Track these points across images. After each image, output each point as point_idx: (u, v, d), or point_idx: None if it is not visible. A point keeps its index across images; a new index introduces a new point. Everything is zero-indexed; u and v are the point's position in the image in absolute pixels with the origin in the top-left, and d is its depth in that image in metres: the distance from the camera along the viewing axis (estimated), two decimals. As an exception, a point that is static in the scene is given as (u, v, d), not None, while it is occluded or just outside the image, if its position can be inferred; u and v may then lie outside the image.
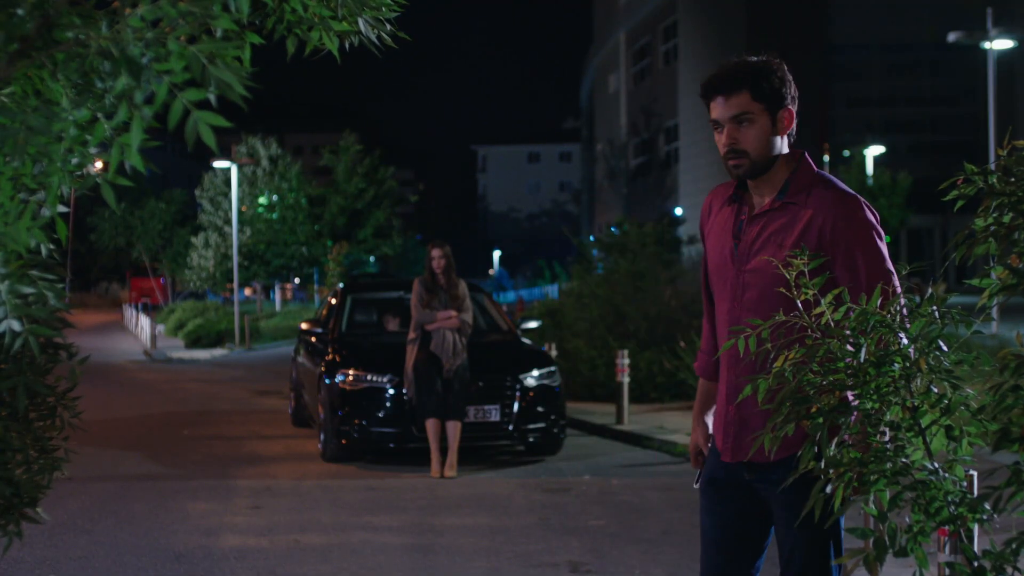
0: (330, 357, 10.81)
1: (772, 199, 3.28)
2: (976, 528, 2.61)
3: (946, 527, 2.53)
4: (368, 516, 8.11)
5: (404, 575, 6.50)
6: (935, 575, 4.41)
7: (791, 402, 2.68)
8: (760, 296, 3.25)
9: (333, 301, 12.54)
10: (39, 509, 2.96)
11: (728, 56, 3.56)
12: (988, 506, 2.49)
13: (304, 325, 12.62)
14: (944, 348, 2.66)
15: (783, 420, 2.69)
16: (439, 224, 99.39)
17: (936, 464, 2.58)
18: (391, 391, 10.21)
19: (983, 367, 2.61)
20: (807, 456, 2.66)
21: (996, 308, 2.64)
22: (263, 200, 45.44)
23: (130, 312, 42.79)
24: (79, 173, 2.29)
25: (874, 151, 40.41)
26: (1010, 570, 2.47)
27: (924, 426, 2.63)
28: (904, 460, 2.58)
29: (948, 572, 3.03)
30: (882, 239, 3.20)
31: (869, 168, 37.90)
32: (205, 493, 9.07)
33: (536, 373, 10.54)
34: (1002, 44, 23.82)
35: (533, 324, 12.46)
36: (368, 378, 10.32)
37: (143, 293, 56.44)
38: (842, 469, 2.60)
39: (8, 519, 2.91)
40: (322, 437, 10.66)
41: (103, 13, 2.18)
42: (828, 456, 2.64)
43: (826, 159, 46.14)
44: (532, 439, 10.43)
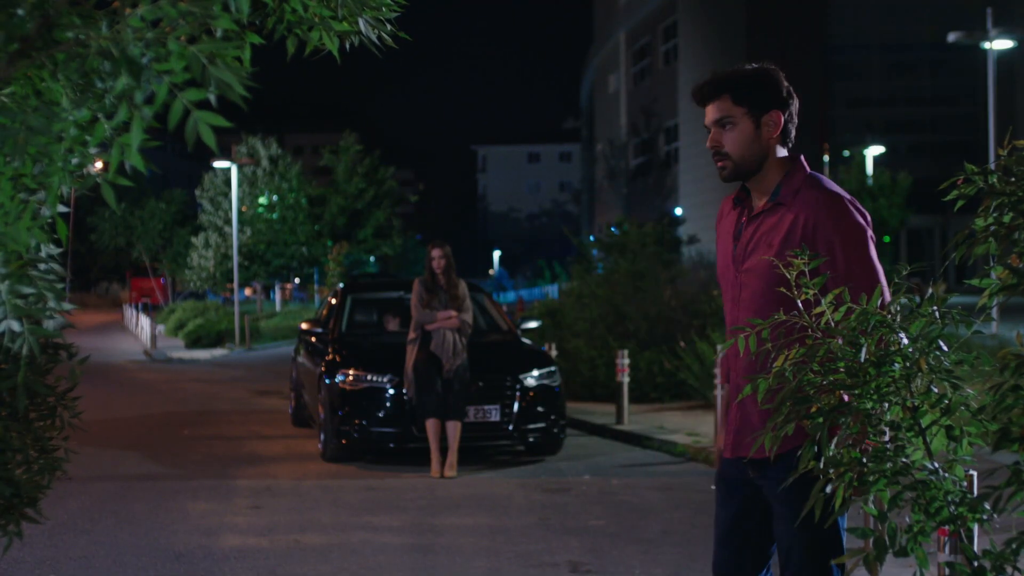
0: (330, 357, 10.81)
1: (766, 201, 3.37)
2: (976, 528, 2.61)
3: (946, 527, 2.53)
4: (368, 516, 8.11)
5: (404, 575, 6.50)
6: (935, 575, 4.41)
7: (791, 402, 2.69)
8: (755, 296, 3.32)
9: (333, 301, 12.54)
10: (39, 507, 2.96)
11: (728, 56, 3.64)
12: (988, 506, 2.49)
13: (304, 325, 12.63)
14: (944, 348, 2.66)
15: (783, 420, 2.69)
16: (439, 224, 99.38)
17: (936, 464, 2.58)
18: (391, 391, 10.21)
19: (983, 367, 2.61)
20: (807, 456, 2.66)
21: (996, 308, 2.64)
22: (263, 200, 45.45)
23: (130, 312, 42.80)
24: (79, 173, 2.29)
25: (874, 151, 40.40)
26: (1010, 570, 2.47)
27: (924, 426, 2.63)
28: (904, 460, 2.58)
29: (948, 572, 3.03)
30: (869, 239, 3.23)
31: (869, 168, 37.88)
32: (205, 493, 9.07)
33: (536, 373, 10.54)
34: (1002, 44, 23.82)
35: (533, 324, 12.45)
36: (368, 378, 10.32)
37: (143, 293, 56.48)
38: (842, 469, 2.60)
39: (8, 519, 2.91)
40: (322, 437, 10.66)
41: (103, 13, 2.18)
42: (828, 456, 2.64)
43: (826, 159, 46.13)
44: (532, 439, 10.43)
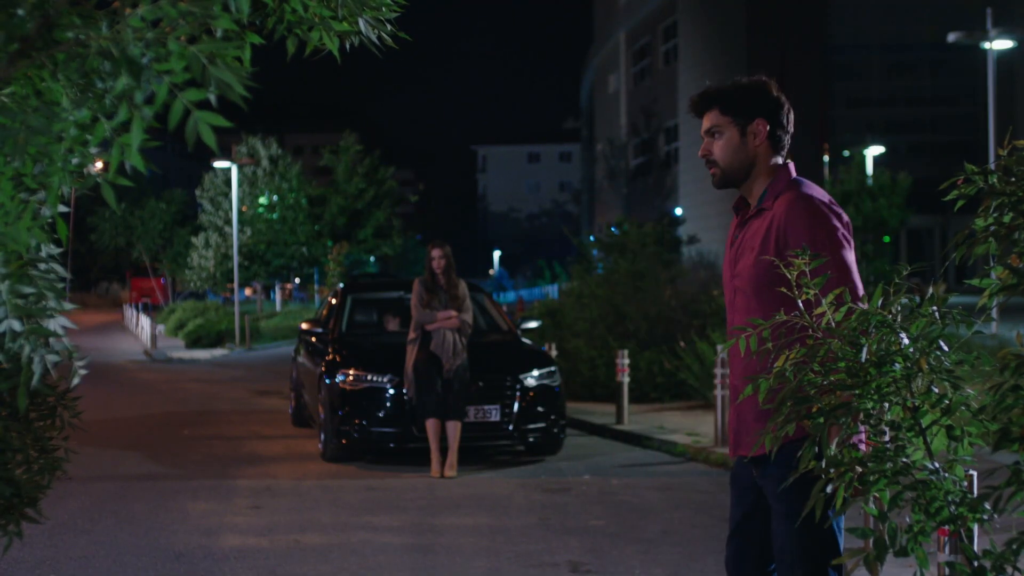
0: (330, 357, 10.81)
1: (754, 207, 3.46)
2: (976, 528, 2.61)
3: (946, 527, 2.53)
4: (368, 516, 8.11)
5: (404, 575, 6.50)
6: (935, 575, 4.41)
7: (792, 402, 2.69)
8: (746, 299, 3.40)
9: (333, 301, 12.54)
10: (39, 507, 2.96)
11: (728, 56, 3.72)
12: (988, 506, 2.49)
13: (304, 325, 12.63)
14: (945, 348, 2.66)
15: (783, 420, 2.69)
16: (439, 224, 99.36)
17: (936, 464, 2.58)
18: (391, 391, 10.21)
19: (983, 367, 2.61)
20: (807, 456, 2.66)
21: (996, 308, 2.64)
22: (263, 200, 45.44)
23: (130, 312, 42.80)
24: (79, 173, 2.29)
25: (874, 151, 40.38)
26: (1010, 570, 2.47)
27: (925, 426, 2.63)
28: (904, 460, 2.58)
29: (948, 572, 3.03)
30: (841, 239, 3.25)
31: (869, 168, 37.85)
32: (205, 493, 9.07)
33: (536, 373, 10.54)
34: (1002, 44, 23.80)
35: (533, 324, 12.45)
36: (368, 378, 10.32)
37: (143, 293, 56.45)
38: (842, 469, 2.60)
39: (8, 519, 2.91)
40: (322, 437, 10.66)
41: (103, 13, 2.18)
42: (829, 456, 2.64)
43: (826, 159, 46.13)
44: (532, 439, 10.43)
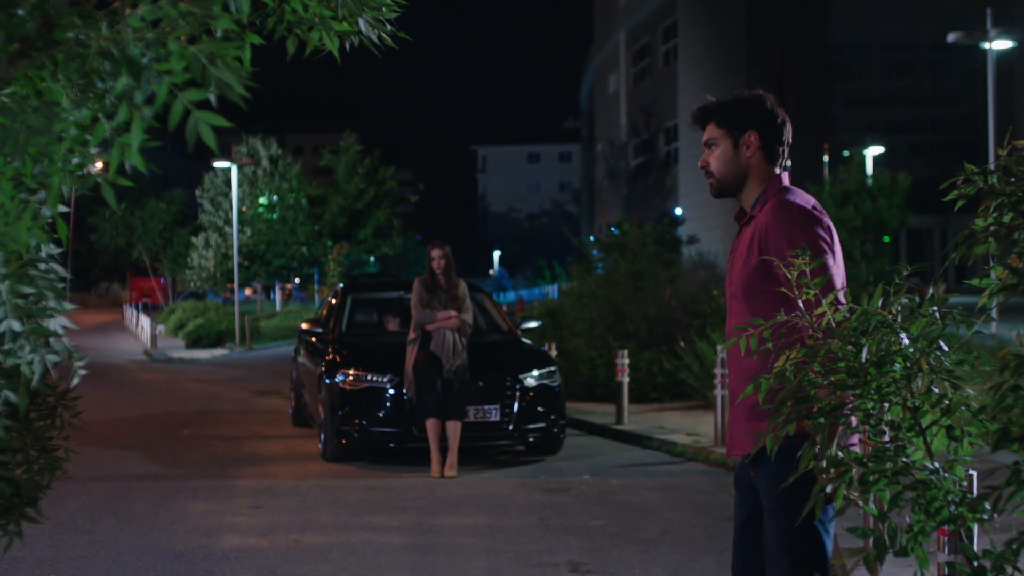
0: (330, 357, 10.81)
1: (748, 216, 3.55)
2: (976, 528, 2.61)
3: (946, 527, 2.53)
4: (368, 516, 8.11)
5: (404, 575, 6.50)
6: (935, 575, 4.41)
7: (792, 401, 2.69)
8: (738, 304, 3.47)
9: (333, 301, 12.54)
10: (39, 507, 2.96)
11: (728, 56, 3.78)
12: (988, 506, 2.49)
13: (304, 325, 12.62)
14: (945, 348, 2.66)
15: (784, 420, 2.69)
16: (439, 224, 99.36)
17: (936, 464, 2.58)
18: (391, 391, 10.21)
19: (983, 367, 2.62)
20: (807, 456, 2.66)
21: (996, 308, 2.64)
22: (263, 200, 45.43)
23: (130, 312, 42.79)
24: (79, 173, 2.28)
25: (874, 151, 40.38)
26: (1010, 570, 2.47)
27: (925, 426, 2.63)
28: (905, 460, 2.58)
29: (948, 572, 3.03)
30: (818, 247, 3.26)
31: (869, 168, 37.84)
32: (205, 493, 9.07)
33: (536, 373, 10.54)
34: (1002, 44, 23.79)
35: (533, 324, 12.45)
36: (368, 378, 10.32)
37: (143, 293, 56.44)
38: (843, 469, 2.60)
39: (8, 519, 2.91)
40: (322, 437, 10.66)
41: (103, 13, 2.18)
42: (829, 456, 2.64)
43: (826, 159, 46.11)
44: (532, 439, 10.43)
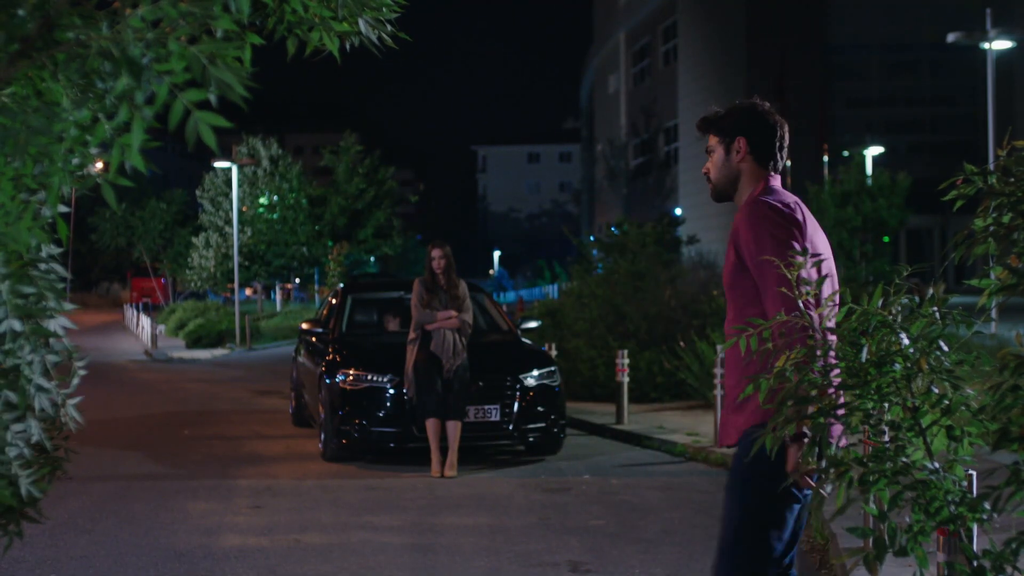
0: (330, 357, 10.81)
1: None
2: (976, 528, 2.61)
3: (946, 527, 2.53)
4: (368, 516, 8.11)
5: (404, 575, 6.50)
6: (935, 575, 4.41)
7: (792, 401, 2.69)
8: (727, 300, 3.58)
9: (333, 301, 12.54)
10: (39, 507, 2.96)
11: (728, 57, 3.83)
12: (987, 506, 2.49)
13: (304, 325, 12.62)
14: (945, 348, 2.66)
15: (783, 420, 2.69)
16: (439, 224, 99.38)
17: (936, 464, 2.58)
18: (391, 391, 10.21)
19: (983, 367, 2.62)
20: (807, 455, 2.67)
21: (995, 308, 2.64)
22: (264, 200, 45.43)
23: (131, 312, 42.79)
24: (80, 173, 2.29)
25: (874, 151, 40.39)
26: (1009, 570, 2.47)
27: (925, 426, 2.63)
28: (904, 460, 2.58)
29: (948, 572, 3.03)
30: (775, 244, 3.33)
31: (869, 168, 37.83)
32: (205, 493, 9.07)
33: (536, 373, 10.54)
34: (1001, 45, 23.79)
35: (533, 324, 12.44)
36: (368, 378, 10.32)
37: (144, 293, 56.45)
38: (843, 469, 2.60)
39: (8, 519, 2.91)
40: (322, 437, 10.66)
41: (104, 14, 2.18)
42: (829, 456, 2.64)
43: (826, 159, 46.09)
44: (532, 439, 10.43)
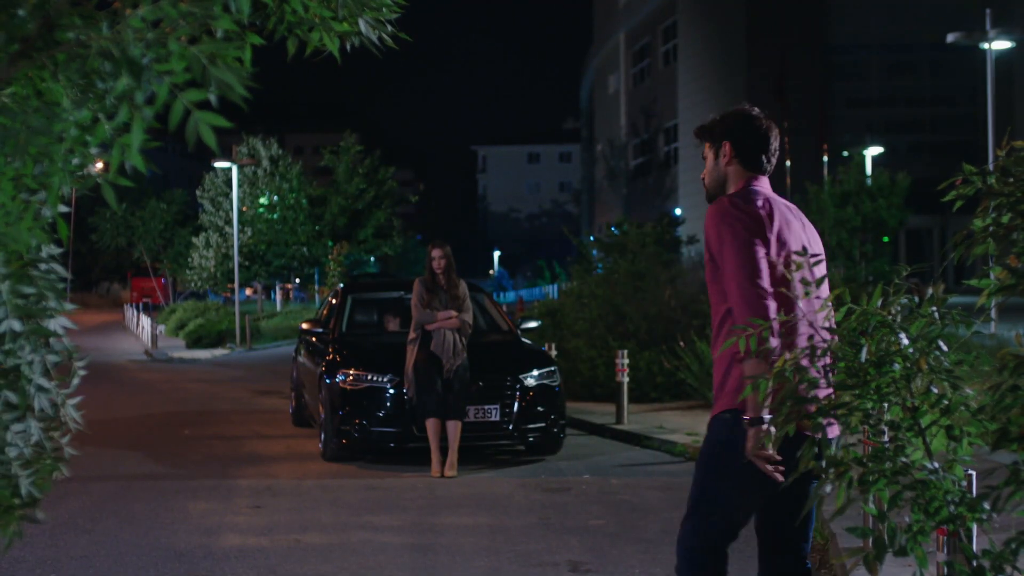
0: (330, 357, 10.81)
1: None
2: (975, 528, 2.61)
3: (945, 526, 2.53)
4: (368, 516, 8.11)
5: (404, 574, 6.50)
6: (934, 574, 4.41)
7: (792, 401, 2.70)
8: (710, 297, 3.69)
9: (333, 301, 12.54)
10: (39, 506, 2.96)
11: (728, 57, 3.86)
12: (987, 506, 2.49)
13: (305, 325, 12.61)
14: (944, 348, 2.66)
15: (783, 420, 2.70)
16: (439, 224, 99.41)
17: (936, 464, 2.58)
18: (391, 391, 10.21)
19: (982, 367, 2.62)
20: (807, 455, 2.67)
21: (995, 308, 2.64)
22: (264, 200, 45.43)
23: (131, 312, 42.80)
24: (80, 173, 2.29)
25: (873, 151, 40.42)
26: (1009, 570, 2.47)
27: (924, 426, 2.63)
28: (904, 460, 2.58)
29: (947, 571, 3.03)
30: (738, 242, 3.44)
31: (868, 168, 37.85)
32: (206, 493, 9.07)
33: (536, 373, 10.54)
34: (1001, 45, 23.78)
35: (533, 324, 12.44)
36: (368, 378, 10.32)
37: (144, 293, 56.50)
38: (842, 468, 2.61)
39: (8, 519, 2.91)
40: (322, 437, 10.66)
41: (104, 14, 2.18)
42: (828, 456, 2.64)
43: (825, 159, 46.08)
44: (532, 439, 10.43)
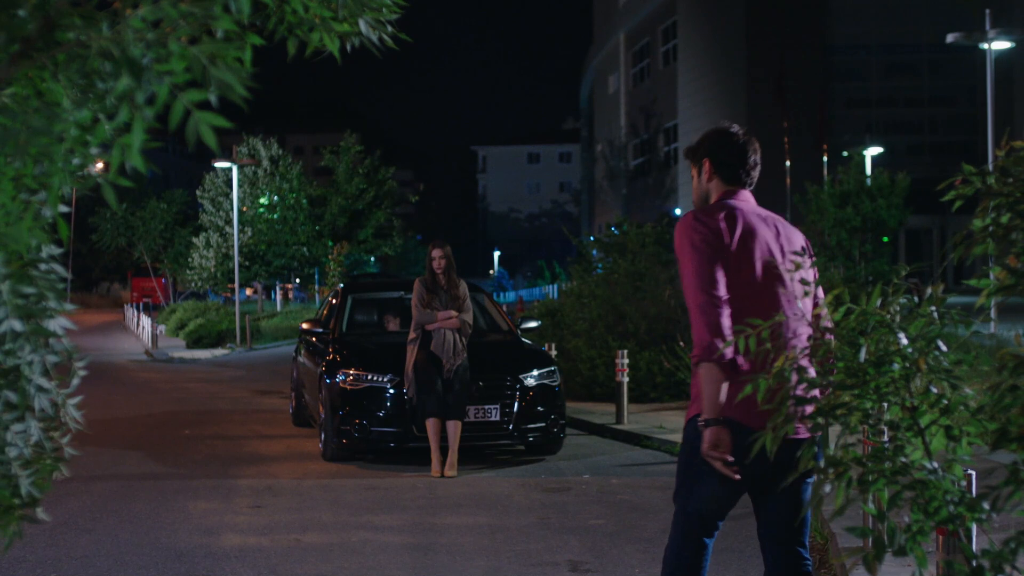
0: (331, 357, 10.82)
1: None
2: (975, 527, 2.62)
3: (945, 526, 2.53)
4: (368, 515, 8.12)
5: (404, 574, 6.50)
6: (934, 574, 4.42)
7: (791, 401, 2.70)
8: None
9: (334, 301, 12.54)
10: (39, 510, 2.97)
11: (728, 57, 3.90)
12: (986, 505, 2.49)
13: (305, 325, 12.60)
14: (943, 348, 2.67)
15: (783, 420, 2.70)
16: (439, 224, 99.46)
17: (935, 464, 2.58)
18: (391, 391, 10.21)
19: (982, 367, 2.63)
20: (807, 455, 2.67)
21: (994, 308, 2.65)
22: (264, 200, 45.44)
23: (131, 312, 42.83)
24: (80, 174, 2.29)
25: (873, 151, 40.42)
26: (1008, 569, 2.47)
27: (923, 426, 2.63)
28: (903, 460, 2.58)
29: (947, 571, 3.04)
30: (695, 253, 3.67)
31: (868, 168, 37.84)
32: (206, 492, 9.08)
33: (536, 373, 10.54)
34: (1000, 45, 23.78)
35: (533, 324, 12.44)
36: (368, 378, 10.32)
37: (144, 293, 56.54)
38: (842, 468, 2.61)
39: (8, 519, 2.91)
40: (323, 437, 10.67)
41: (104, 14, 2.18)
42: (828, 456, 2.65)
43: (825, 159, 46.07)
44: (532, 439, 10.44)
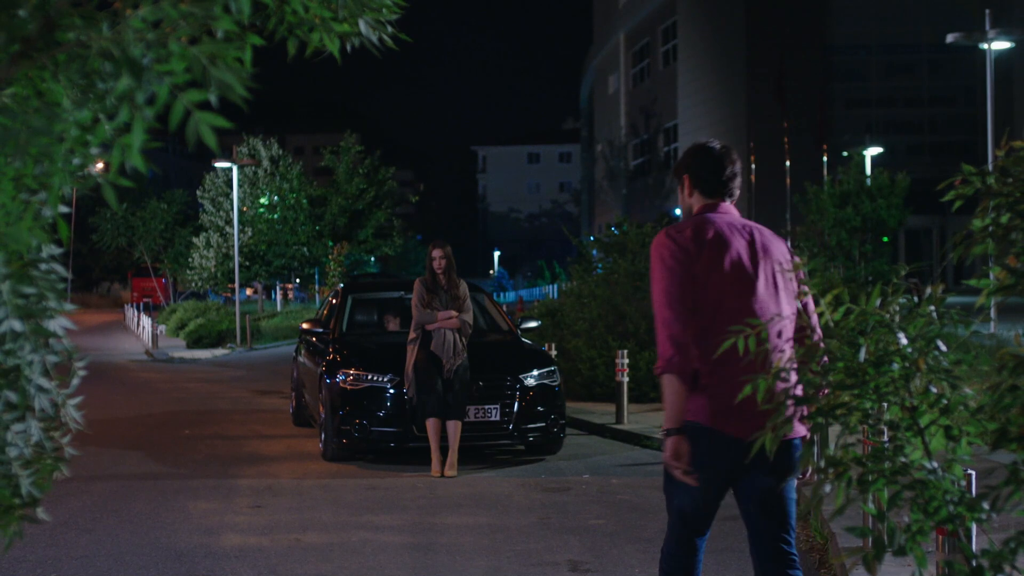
0: (331, 357, 10.82)
1: None
2: (974, 527, 2.62)
3: (945, 526, 2.54)
4: (369, 515, 8.12)
5: (404, 574, 6.50)
6: (933, 574, 4.42)
7: (791, 401, 2.70)
8: None
9: (334, 301, 12.55)
10: (39, 509, 2.97)
11: (728, 57, 3.90)
12: (986, 505, 2.49)
13: (305, 325, 12.60)
14: (943, 348, 2.67)
15: (783, 420, 2.70)
16: (439, 224, 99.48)
17: (935, 464, 2.59)
18: (391, 391, 10.21)
19: (981, 367, 2.63)
20: (807, 456, 2.67)
21: (994, 308, 2.65)
22: (264, 200, 45.43)
23: (131, 312, 42.83)
24: (80, 174, 2.29)
25: (873, 151, 40.43)
26: (1008, 569, 2.47)
27: (923, 426, 2.63)
28: (903, 460, 2.58)
29: (946, 571, 3.04)
30: (663, 269, 3.83)
31: (868, 169, 37.84)
32: (206, 492, 9.08)
33: (536, 373, 10.55)
34: (1000, 45, 23.78)
35: (533, 324, 12.44)
36: (369, 378, 10.32)
37: (145, 293, 56.53)
38: (841, 468, 2.61)
39: (8, 519, 2.91)
40: (323, 437, 10.67)
41: (105, 14, 2.18)
42: (828, 455, 2.65)
43: (825, 159, 46.07)
44: (532, 438, 10.44)
